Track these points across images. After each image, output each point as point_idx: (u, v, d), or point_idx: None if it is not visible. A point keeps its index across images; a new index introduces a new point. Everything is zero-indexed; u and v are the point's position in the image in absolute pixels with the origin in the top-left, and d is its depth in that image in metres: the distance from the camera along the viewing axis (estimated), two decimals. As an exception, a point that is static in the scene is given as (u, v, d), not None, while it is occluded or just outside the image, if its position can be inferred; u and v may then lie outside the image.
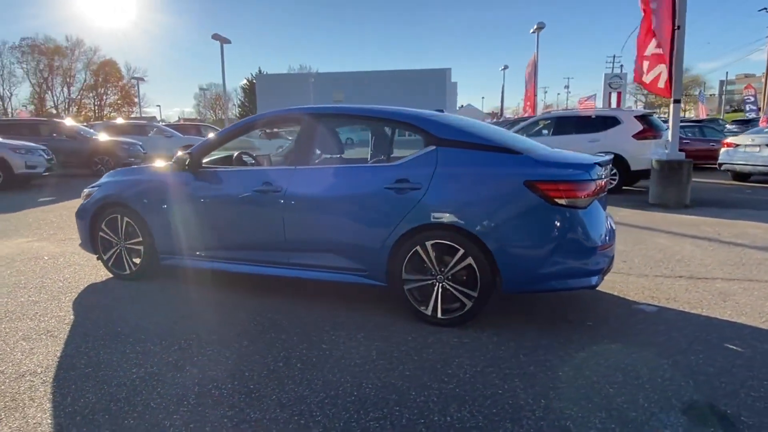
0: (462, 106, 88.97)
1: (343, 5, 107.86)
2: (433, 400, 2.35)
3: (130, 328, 3.21)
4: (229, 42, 28.23)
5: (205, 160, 4.03)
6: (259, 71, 70.30)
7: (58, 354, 2.84)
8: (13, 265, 4.70)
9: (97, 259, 4.31)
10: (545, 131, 11.15)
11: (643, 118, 9.81)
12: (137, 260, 4.15)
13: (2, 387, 2.48)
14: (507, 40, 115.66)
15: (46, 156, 11.32)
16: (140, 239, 4.07)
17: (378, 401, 2.34)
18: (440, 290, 3.17)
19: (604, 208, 3.37)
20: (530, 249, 3.01)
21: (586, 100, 17.04)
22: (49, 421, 2.19)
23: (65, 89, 65.26)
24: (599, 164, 3.16)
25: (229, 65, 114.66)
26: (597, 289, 3.88)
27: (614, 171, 9.79)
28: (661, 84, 8.17)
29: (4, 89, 61.05)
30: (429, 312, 3.21)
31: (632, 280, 4.23)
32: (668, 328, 3.21)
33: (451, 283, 3.14)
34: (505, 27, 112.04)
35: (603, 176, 3.19)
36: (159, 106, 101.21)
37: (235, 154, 4.34)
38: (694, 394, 2.39)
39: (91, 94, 66.71)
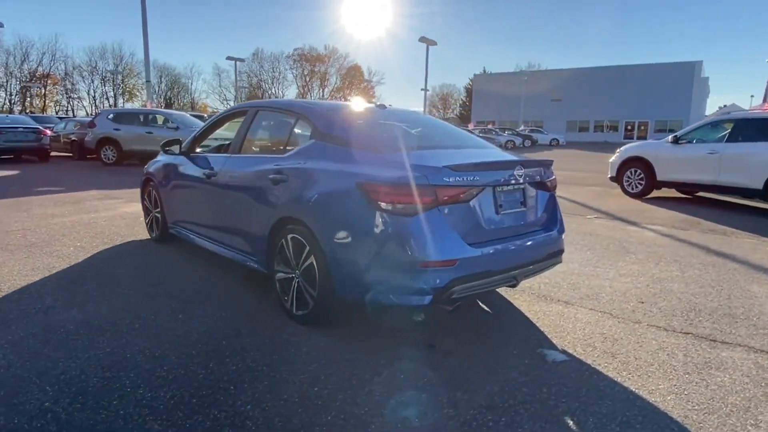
0: (723, 105, 73.77)
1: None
2: (138, 382, 2.43)
3: (91, 274, 4.04)
4: (435, 44, 29.54)
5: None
6: (483, 71, 71.08)
7: (28, 283, 3.80)
8: (113, 220, 6.20)
9: None
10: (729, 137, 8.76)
11: None
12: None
13: (-28, 296, 3.52)
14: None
15: None
16: (159, 209, 4.97)
17: (112, 365, 2.55)
18: (296, 286, 3.12)
19: (487, 217, 2.77)
20: (355, 254, 2.73)
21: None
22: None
23: (320, 91, 77.35)
24: (452, 167, 2.64)
25: (461, 64, 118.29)
26: (535, 323, 3.26)
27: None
28: None
29: (277, 90, 75.67)
30: (288, 306, 3.19)
31: (606, 323, 3.31)
32: (529, 382, 2.51)
33: (303, 280, 3.07)
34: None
35: (461, 182, 2.65)
36: (390, 105, 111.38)
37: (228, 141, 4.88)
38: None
39: (338, 95, 77.44)
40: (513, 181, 2.93)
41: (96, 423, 2.08)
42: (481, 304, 3.66)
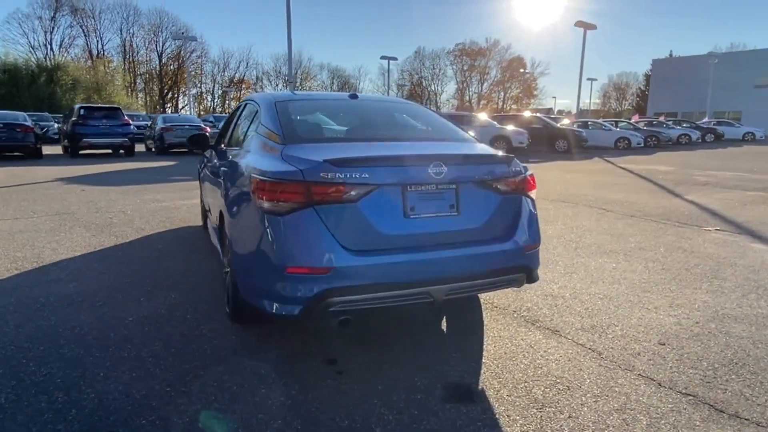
0: None
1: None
2: (39, 356, 2.59)
3: (119, 254, 4.53)
4: (594, 28, 26.76)
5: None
6: (670, 55, 62.30)
7: (69, 257, 4.41)
8: (195, 207, 6.88)
9: None
10: None
11: None
12: (208, 215, 5.47)
13: (16, 254, 4.21)
14: None
15: (527, 137, 17.38)
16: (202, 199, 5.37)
17: (39, 338, 2.77)
18: (228, 282, 3.07)
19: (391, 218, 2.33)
20: (245, 254, 2.56)
21: None
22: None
23: (479, 85, 76.06)
24: (333, 162, 2.28)
25: (645, 49, 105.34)
26: (486, 350, 2.77)
27: None
28: None
29: (436, 87, 76.52)
30: (226, 301, 3.16)
31: (581, 365, 2.60)
32: (392, 422, 2.07)
33: (230, 277, 2.99)
34: None
35: (343, 179, 2.27)
36: (554, 97, 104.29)
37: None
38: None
39: (498, 89, 75.28)
40: (430, 181, 2.43)
41: (-34, 388, 2.30)
42: (444, 320, 3.18)
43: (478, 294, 3.09)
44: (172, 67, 67.10)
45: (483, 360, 2.64)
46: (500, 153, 2.77)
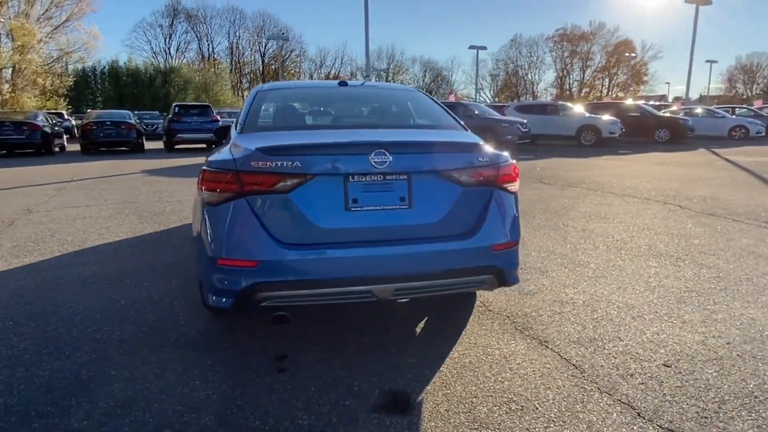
0: None
1: None
2: (26, 332, 2.77)
3: (151, 241, 4.80)
4: (708, 3, 23.80)
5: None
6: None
7: (109, 242, 4.77)
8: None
9: None
10: None
11: None
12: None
13: (48, 238, 4.62)
14: None
15: (619, 126, 16.91)
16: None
17: (35, 315, 2.98)
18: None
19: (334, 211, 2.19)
20: (194, 244, 2.55)
21: None
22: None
23: (581, 72, 71.36)
24: (264, 150, 2.16)
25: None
26: (451, 358, 2.59)
27: None
28: None
29: (533, 75, 73.10)
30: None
31: (553, 382, 2.27)
32: (306, 428, 1.93)
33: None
34: None
35: (274, 168, 2.15)
36: (668, 83, 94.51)
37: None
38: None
39: (602, 75, 70.09)
40: (374, 170, 2.23)
41: (-47, 357, 2.54)
42: (425, 320, 2.95)
43: (440, 294, 2.76)
44: (273, 66, 70.95)
45: (441, 369, 2.40)
46: (472, 141, 2.48)
